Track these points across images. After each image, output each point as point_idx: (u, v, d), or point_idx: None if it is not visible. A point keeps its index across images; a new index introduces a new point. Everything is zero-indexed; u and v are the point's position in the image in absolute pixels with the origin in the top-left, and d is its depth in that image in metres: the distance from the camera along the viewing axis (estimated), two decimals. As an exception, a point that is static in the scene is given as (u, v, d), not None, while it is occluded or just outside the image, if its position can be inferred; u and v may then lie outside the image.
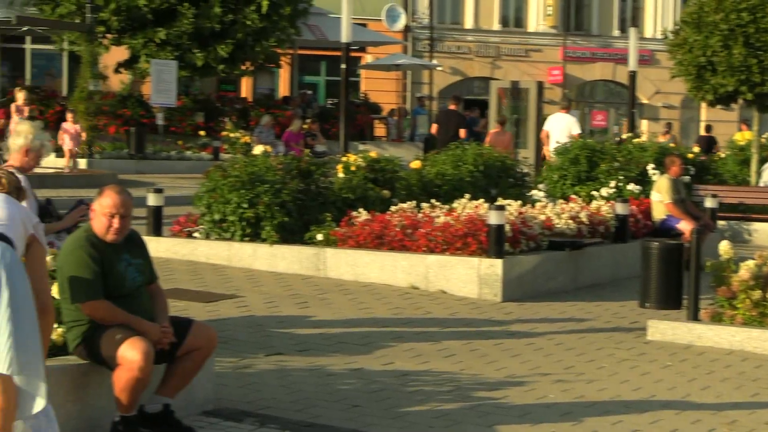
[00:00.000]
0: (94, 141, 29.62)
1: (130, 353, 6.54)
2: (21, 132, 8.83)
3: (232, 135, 30.40)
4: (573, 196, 16.48)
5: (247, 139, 29.94)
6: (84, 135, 27.73)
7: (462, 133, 24.00)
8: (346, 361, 9.37)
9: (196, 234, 14.32)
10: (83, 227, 7.06)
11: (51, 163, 24.31)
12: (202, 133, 33.87)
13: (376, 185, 14.84)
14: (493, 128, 25.20)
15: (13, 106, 26.59)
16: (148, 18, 34.05)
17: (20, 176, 8.61)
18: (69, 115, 27.06)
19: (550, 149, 21.63)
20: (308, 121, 33.58)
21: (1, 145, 19.94)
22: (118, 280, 6.86)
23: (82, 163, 27.41)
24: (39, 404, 5.75)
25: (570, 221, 14.38)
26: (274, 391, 8.30)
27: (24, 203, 6.40)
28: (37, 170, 9.26)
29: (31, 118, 24.38)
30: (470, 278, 12.62)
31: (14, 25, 31.87)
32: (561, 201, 16.01)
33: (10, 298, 5.54)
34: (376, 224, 13.41)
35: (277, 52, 37.99)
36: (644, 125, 47.33)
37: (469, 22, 48.80)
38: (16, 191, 6.18)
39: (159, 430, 6.89)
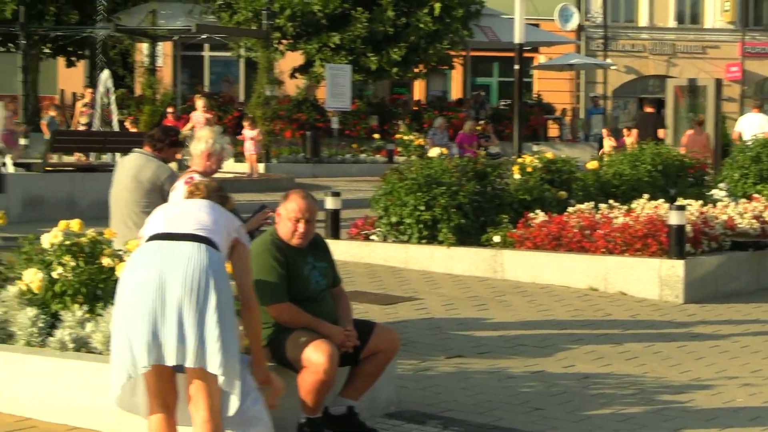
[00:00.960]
0: (271, 145, 30.12)
1: (315, 356, 6.60)
2: (201, 137, 9.03)
3: (405, 137, 30.58)
4: (756, 195, 16.10)
5: (420, 141, 30.08)
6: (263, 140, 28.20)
7: (661, 133, 23.82)
8: (526, 364, 9.32)
9: (373, 236, 14.43)
10: (268, 231, 7.15)
11: (230, 167, 24.82)
12: (376, 136, 34.21)
13: (553, 186, 14.73)
14: (689, 129, 24.68)
15: (192, 115, 27.11)
16: (322, 23, 34.48)
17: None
18: (247, 122, 27.47)
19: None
20: (481, 122, 33.56)
21: (183, 151, 20.41)
22: (303, 284, 6.93)
23: (260, 168, 27.87)
24: (234, 405, 5.89)
25: (753, 221, 14.05)
26: (455, 394, 8.30)
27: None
28: (217, 175, 9.42)
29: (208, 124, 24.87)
30: (651, 279, 12.44)
31: (194, 33, 32.63)
32: (743, 200, 15.66)
33: (218, 301, 5.69)
34: (553, 225, 13.32)
35: (449, 54, 38.10)
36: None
37: (643, 20, 48.12)
38: (218, 198, 6.31)
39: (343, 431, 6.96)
